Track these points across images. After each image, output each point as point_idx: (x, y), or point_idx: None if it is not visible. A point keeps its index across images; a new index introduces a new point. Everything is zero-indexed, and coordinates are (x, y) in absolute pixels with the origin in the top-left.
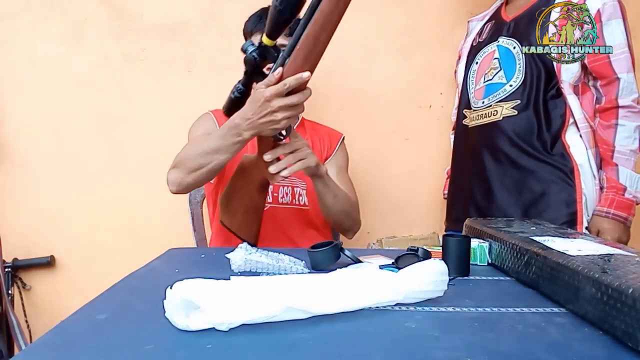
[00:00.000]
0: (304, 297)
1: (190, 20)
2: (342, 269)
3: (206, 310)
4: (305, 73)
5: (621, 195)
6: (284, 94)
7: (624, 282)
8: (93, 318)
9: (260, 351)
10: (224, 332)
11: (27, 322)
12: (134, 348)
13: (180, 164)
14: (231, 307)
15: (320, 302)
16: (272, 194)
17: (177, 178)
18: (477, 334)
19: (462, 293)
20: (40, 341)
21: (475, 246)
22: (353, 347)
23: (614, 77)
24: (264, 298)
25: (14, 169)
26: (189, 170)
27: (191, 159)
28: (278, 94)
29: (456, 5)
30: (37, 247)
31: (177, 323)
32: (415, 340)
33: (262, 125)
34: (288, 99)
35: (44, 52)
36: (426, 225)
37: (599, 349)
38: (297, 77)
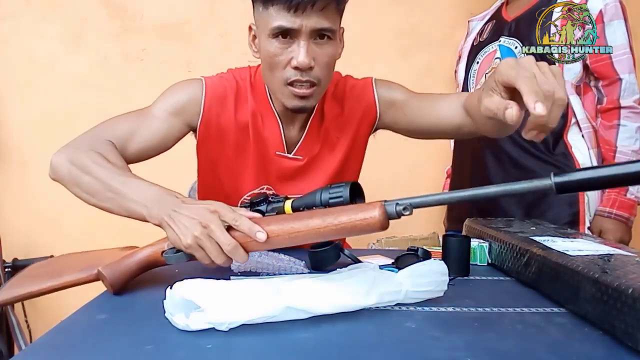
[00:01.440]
0: (305, 297)
1: (190, 20)
2: (342, 269)
3: (206, 310)
4: (262, 234)
5: (623, 196)
6: (225, 227)
7: (624, 282)
8: (93, 318)
9: (260, 351)
10: (224, 332)
11: (27, 322)
12: (134, 348)
13: (74, 160)
14: (231, 307)
15: (320, 303)
16: None
17: (60, 172)
18: (477, 334)
19: (462, 293)
20: (40, 341)
21: (475, 246)
22: (353, 347)
23: (616, 78)
24: (264, 298)
25: (14, 168)
26: (73, 182)
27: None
28: (224, 216)
29: (456, 5)
30: (37, 247)
31: (177, 323)
32: (415, 340)
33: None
34: (221, 233)
35: (44, 52)
36: (426, 225)
37: (599, 349)
38: (253, 229)
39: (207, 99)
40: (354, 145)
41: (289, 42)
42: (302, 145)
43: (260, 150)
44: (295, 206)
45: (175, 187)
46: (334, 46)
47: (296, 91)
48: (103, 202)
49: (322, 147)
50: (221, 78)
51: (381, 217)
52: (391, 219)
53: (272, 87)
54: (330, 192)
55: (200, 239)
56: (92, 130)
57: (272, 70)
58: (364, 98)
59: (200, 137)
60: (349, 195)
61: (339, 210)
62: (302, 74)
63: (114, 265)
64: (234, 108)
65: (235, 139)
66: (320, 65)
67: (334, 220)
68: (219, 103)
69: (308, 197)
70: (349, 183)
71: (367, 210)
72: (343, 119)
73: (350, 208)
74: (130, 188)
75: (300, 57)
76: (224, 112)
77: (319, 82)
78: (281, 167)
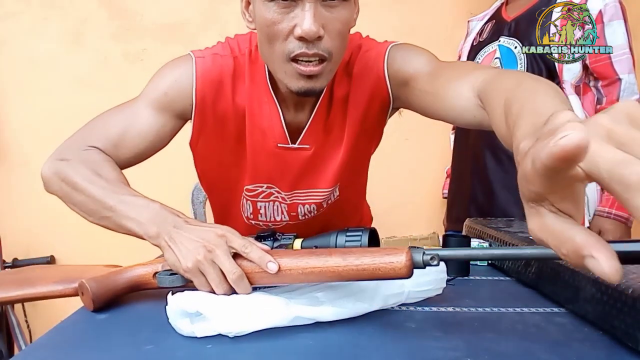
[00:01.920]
0: (312, 307)
1: (190, 20)
2: None
3: (212, 319)
4: (274, 265)
5: None
6: (231, 254)
7: (624, 282)
8: (93, 318)
9: (261, 351)
10: None
11: (27, 322)
12: (134, 348)
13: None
14: (238, 316)
15: (327, 310)
16: (289, 213)
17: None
18: (477, 334)
19: (462, 293)
20: (40, 341)
21: (475, 246)
22: (353, 347)
23: (616, 78)
24: (272, 307)
25: (14, 169)
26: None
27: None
28: (233, 242)
29: (456, 5)
30: (37, 247)
31: (181, 330)
32: (415, 340)
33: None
34: (226, 260)
35: (44, 52)
36: (426, 225)
37: (599, 349)
38: (264, 259)
39: (198, 86)
40: (363, 129)
41: (291, 6)
42: (308, 132)
43: (258, 143)
44: (304, 247)
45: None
46: (347, 9)
47: (301, 69)
48: (100, 220)
49: (331, 133)
50: (215, 57)
51: (408, 263)
52: (416, 267)
53: (272, 64)
54: (347, 236)
55: (202, 263)
56: (80, 134)
57: (270, 42)
58: (373, 73)
59: (195, 129)
60: (367, 242)
61: (362, 250)
62: (308, 46)
63: (100, 279)
64: (231, 92)
65: (235, 128)
66: (331, 34)
67: (356, 260)
68: (213, 88)
69: (321, 239)
70: (367, 229)
71: (392, 254)
72: (351, 99)
73: (374, 250)
74: (127, 205)
75: (305, 25)
76: (220, 99)
77: (330, 56)
78: (284, 161)
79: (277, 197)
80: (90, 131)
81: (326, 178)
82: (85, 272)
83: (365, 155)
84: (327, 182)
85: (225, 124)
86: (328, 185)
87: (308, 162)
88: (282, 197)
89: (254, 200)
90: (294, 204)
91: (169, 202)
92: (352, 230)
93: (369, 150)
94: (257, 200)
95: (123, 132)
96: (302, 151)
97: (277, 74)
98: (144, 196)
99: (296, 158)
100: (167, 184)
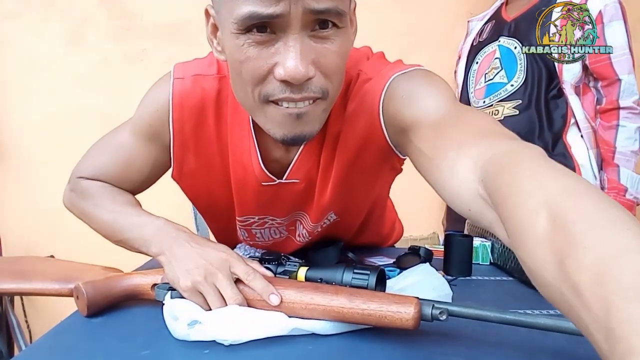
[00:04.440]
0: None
1: (190, 20)
2: None
3: (208, 325)
4: (276, 298)
5: (622, 196)
6: (234, 279)
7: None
8: (89, 322)
9: (257, 355)
10: None
11: (27, 322)
12: (130, 353)
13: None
14: (234, 325)
15: (328, 325)
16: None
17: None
18: (479, 335)
19: (464, 293)
20: (38, 343)
21: (478, 245)
22: (353, 348)
23: (615, 79)
24: (270, 320)
25: (14, 169)
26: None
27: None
28: (236, 269)
29: (456, 5)
30: (37, 247)
31: (176, 332)
32: (415, 343)
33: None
34: (227, 285)
35: (44, 52)
36: (426, 225)
37: None
38: (267, 290)
39: (175, 115)
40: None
41: (270, 40)
42: (295, 167)
43: (241, 179)
44: (309, 277)
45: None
46: (343, 36)
47: (287, 110)
48: (118, 243)
49: (320, 168)
50: (197, 78)
51: (416, 315)
52: (424, 320)
53: (247, 105)
54: (355, 275)
55: (201, 284)
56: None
57: (243, 83)
58: (366, 114)
59: (176, 161)
60: (374, 283)
61: (370, 295)
62: (294, 90)
63: (97, 284)
64: (214, 118)
65: (220, 159)
66: (325, 70)
67: (363, 304)
68: (193, 115)
69: (327, 273)
70: (377, 270)
71: (401, 303)
72: (342, 139)
73: (383, 296)
74: (133, 226)
75: (289, 64)
76: (201, 127)
77: (326, 94)
78: (274, 195)
79: (272, 223)
80: (92, 164)
81: (317, 208)
82: (84, 272)
83: (364, 193)
84: (318, 212)
85: (209, 155)
86: (316, 220)
87: (300, 194)
88: (277, 223)
89: (248, 228)
90: (292, 222)
91: (169, 202)
92: (360, 268)
93: (369, 188)
94: (252, 228)
95: (125, 169)
96: (292, 185)
97: (255, 117)
98: (149, 214)
99: (287, 190)
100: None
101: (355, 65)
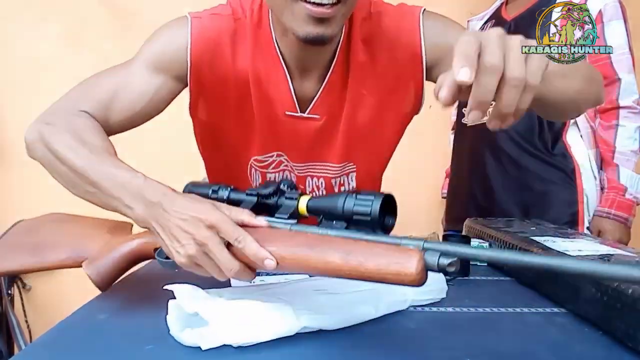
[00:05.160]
0: (317, 316)
1: None
2: None
3: (217, 330)
4: (271, 262)
5: (622, 196)
6: (225, 244)
7: (624, 283)
8: (93, 318)
9: (259, 350)
10: None
11: (27, 322)
12: (133, 348)
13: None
14: (243, 326)
15: (333, 319)
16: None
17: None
18: (477, 334)
19: (462, 293)
20: (39, 341)
21: (475, 246)
22: (353, 348)
23: (615, 78)
24: (279, 318)
25: (14, 169)
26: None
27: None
28: (225, 234)
29: (456, 5)
30: None
31: (185, 341)
32: (415, 340)
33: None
34: (221, 255)
35: (44, 52)
36: (426, 225)
37: (599, 349)
38: (260, 255)
39: (194, 46)
40: (388, 106)
41: None
42: (319, 101)
43: (265, 110)
44: (311, 207)
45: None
46: None
47: (312, 9)
48: (84, 195)
49: (346, 103)
50: (213, 17)
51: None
52: (430, 270)
53: (277, 6)
54: (357, 201)
55: (196, 258)
56: (69, 96)
57: None
58: (406, 45)
59: (192, 92)
60: (378, 211)
61: (366, 251)
62: None
63: (97, 263)
64: (231, 54)
65: (237, 94)
66: None
67: (359, 266)
68: (210, 49)
69: (328, 200)
70: (381, 195)
71: (401, 261)
72: (374, 71)
73: (380, 249)
74: (110, 180)
75: None
76: (218, 61)
77: None
78: (294, 130)
79: (287, 166)
80: (80, 93)
81: (336, 152)
82: (93, 238)
83: (388, 134)
84: (337, 156)
85: (225, 89)
86: (338, 160)
87: (318, 133)
88: (291, 167)
89: (264, 171)
90: (303, 176)
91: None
92: (364, 194)
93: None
94: (267, 171)
95: (115, 93)
96: (312, 121)
97: (283, 16)
98: (128, 167)
99: (305, 128)
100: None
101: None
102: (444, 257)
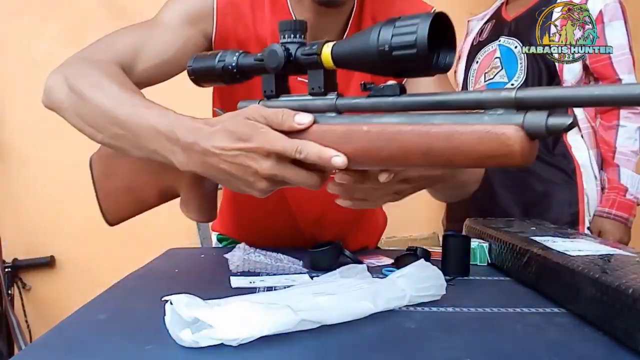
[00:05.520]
0: (316, 310)
1: None
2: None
3: (216, 327)
4: (340, 158)
5: (622, 196)
6: (289, 161)
7: (624, 283)
8: (93, 318)
9: (259, 348)
10: None
11: (27, 322)
12: (133, 348)
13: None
14: (241, 323)
15: (331, 314)
16: None
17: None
18: (477, 334)
19: (462, 293)
20: (39, 341)
21: (475, 246)
22: (352, 348)
23: (616, 78)
24: (277, 314)
25: (14, 169)
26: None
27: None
28: (280, 156)
29: (456, 5)
30: (37, 247)
31: (183, 340)
32: (415, 340)
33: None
34: (297, 177)
35: (44, 52)
36: (426, 225)
37: (599, 349)
38: (325, 155)
39: (219, 8)
40: None
41: None
42: None
43: None
44: (336, 52)
45: None
46: None
47: None
48: (111, 139)
49: None
50: None
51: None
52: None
53: None
54: (396, 29)
55: (271, 186)
56: (91, 48)
57: None
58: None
59: None
60: (426, 39)
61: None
62: None
63: (192, 202)
64: (252, 19)
65: None
66: None
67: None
68: (233, 12)
69: (358, 38)
70: (428, 16)
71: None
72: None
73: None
74: (141, 120)
75: None
76: (240, 23)
77: None
78: None
79: None
80: (101, 46)
81: None
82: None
83: None
84: None
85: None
86: None
87: None
88: None
89: None
90: None
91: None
92: (405, 18)
93: None
94: None
95: (140, 46)
96: None
97: None
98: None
99: None
100: None
101: None
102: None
